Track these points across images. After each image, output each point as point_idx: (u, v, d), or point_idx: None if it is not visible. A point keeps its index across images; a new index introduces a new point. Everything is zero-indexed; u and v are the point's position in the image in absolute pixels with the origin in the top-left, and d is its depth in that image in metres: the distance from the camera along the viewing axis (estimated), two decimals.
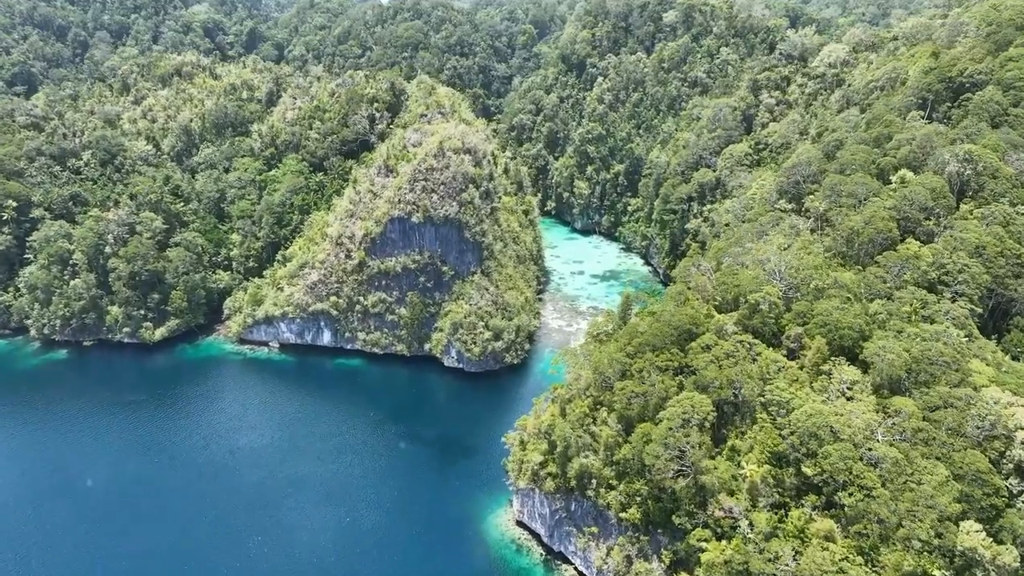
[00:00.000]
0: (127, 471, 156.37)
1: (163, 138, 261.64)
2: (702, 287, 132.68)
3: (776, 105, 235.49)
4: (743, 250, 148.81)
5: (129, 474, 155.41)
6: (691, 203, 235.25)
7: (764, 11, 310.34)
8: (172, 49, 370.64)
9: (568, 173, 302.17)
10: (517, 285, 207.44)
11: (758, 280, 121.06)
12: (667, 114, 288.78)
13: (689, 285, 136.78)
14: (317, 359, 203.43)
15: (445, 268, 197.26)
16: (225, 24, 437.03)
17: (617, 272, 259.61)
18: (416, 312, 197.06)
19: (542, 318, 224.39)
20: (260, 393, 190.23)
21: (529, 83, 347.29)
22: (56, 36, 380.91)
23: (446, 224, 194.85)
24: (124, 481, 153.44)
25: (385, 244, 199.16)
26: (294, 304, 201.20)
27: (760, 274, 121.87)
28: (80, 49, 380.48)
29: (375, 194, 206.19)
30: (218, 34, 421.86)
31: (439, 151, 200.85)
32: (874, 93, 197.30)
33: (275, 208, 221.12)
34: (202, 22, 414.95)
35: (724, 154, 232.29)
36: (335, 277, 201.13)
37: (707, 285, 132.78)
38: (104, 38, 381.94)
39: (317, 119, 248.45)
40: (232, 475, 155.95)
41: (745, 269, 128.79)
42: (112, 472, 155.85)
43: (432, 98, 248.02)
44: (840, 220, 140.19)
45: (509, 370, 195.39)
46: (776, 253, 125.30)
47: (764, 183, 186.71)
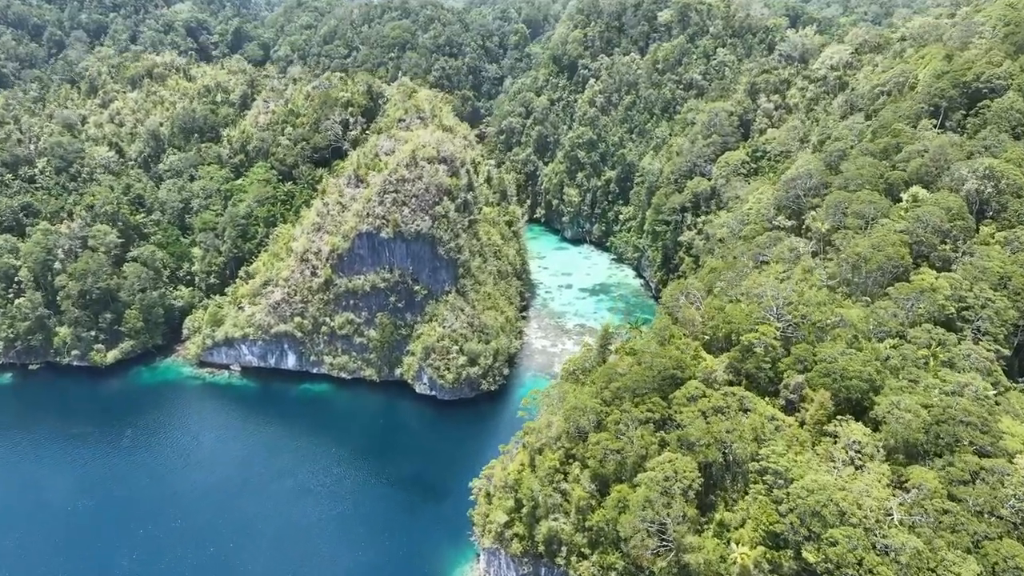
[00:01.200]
0: (57, 514, 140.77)
1: (131, 143, 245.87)
2: (690, 320, 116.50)
3: (775, 110, 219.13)
4: (736, 275, 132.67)
5: (58, 518, 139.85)
6: (684, 214, 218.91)
7: (763, 10, 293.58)
8: (151, 49, 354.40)
9: (558, 179, 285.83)
10: (497, 304, 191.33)
11: (753, 317, 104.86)
12: (661, 118, 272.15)
13: (676, 318, 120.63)
14: (281, 384, 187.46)
15: (417, 287, 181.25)
16: (210, 23, 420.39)
17: (607, 286, 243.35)
18: (386, 334, 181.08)
19: (525, 337, 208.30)
20: (216, 424, 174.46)
21: (519, 85, 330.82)
22: (31, 36, 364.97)
23: (418, 240, 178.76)
24: (53, 526, 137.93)
25: (353, 261, 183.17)
26: (255, 325, 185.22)
27: (755, 310, 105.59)
28: (56, 49, 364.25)
29: (344, 206, 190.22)
30: (202, 34, 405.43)
31: (411, 160, 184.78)
32: (880, 98, 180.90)
33: (239, 220, 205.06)
34: (184, 21, 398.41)
35: (720, 162, 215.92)
36: (300, 296, 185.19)
37: (696, 318, 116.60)
38: (80, 37, 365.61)
39: (289, 124, 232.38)
40: (172, 518, 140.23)
41: (738, 302, 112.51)
42: (41, 515, 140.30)
43: (411, 102, 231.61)
44: (845, 244, 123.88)
45: (486, 397, 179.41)
46: (773, 285, 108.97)
47: (761, 197, 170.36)
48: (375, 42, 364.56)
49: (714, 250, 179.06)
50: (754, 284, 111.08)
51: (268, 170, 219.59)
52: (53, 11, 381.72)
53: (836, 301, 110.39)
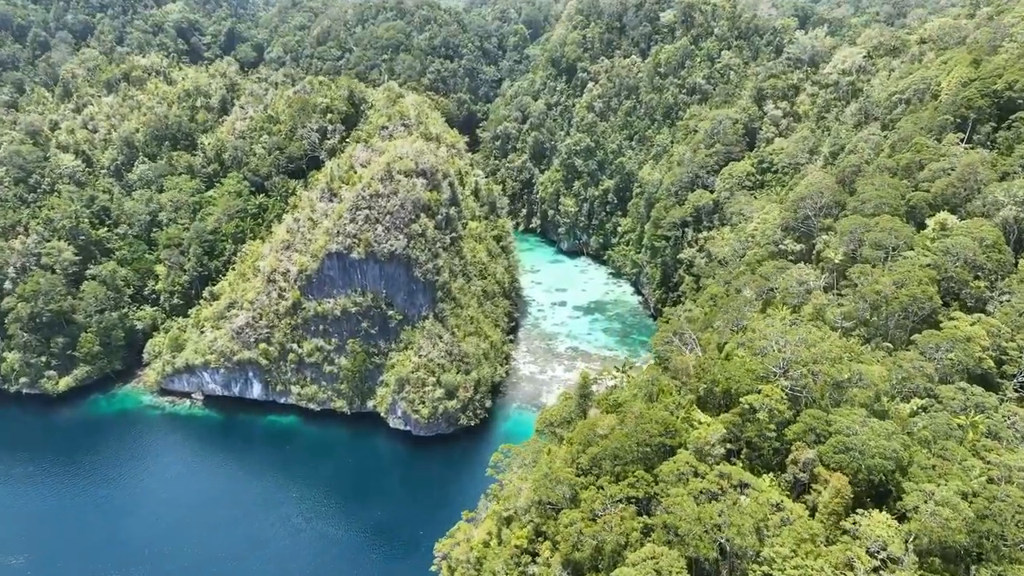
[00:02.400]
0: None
1: (104, 151, 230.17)
2: (683, 369, 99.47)
3: (783, 117, 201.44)
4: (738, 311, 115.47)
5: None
6: (685, 229, 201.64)
7: (771, 10, 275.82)
8: (137, 51, 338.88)
9: (554, 188, 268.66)
10: (480, 329, 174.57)
11: (755, 373, 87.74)
12: (662, 124, 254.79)
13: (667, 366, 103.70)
14: (246, 415, 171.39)
15: (391, 312, 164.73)
16: (202, 24, 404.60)
17: (603, 303, 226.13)
18: (358, 363, 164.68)
19: (513, 362, 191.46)
20: (171, 461, 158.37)
21: (516, 88, 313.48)
22: (15, 36, 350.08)
23: (392, 261, 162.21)
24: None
25: (323, 283, 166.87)
26: (217, 352, 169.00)
27: (757, 366, 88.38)
28: (40, 51, 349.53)
29: (315, 223, 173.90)
30: (193, 35, 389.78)
31: (386, 174, 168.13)
32: (898, 107, 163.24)
33: (205, 236, 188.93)
34: (175, 22, 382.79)
35: (723, 174, 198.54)
36: (266, 320, 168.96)
37: (689, 366, 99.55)
38: (65, 38, 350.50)
39: (266, 131, 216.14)
40: (106, 571, 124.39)
41: (738, 353, 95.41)
42: None
43: (395, 108, 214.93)
44: (863, 279, 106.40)
45: (466, 433, 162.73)
46: (780, 332, 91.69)
47: (767, 217, 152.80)
48: (368, 43, 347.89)
49: (716, 272, 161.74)
50: (757, 334, 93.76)
51: (240, 181, 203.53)
52: (39, 11, 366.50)
53: (852, 351, 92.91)
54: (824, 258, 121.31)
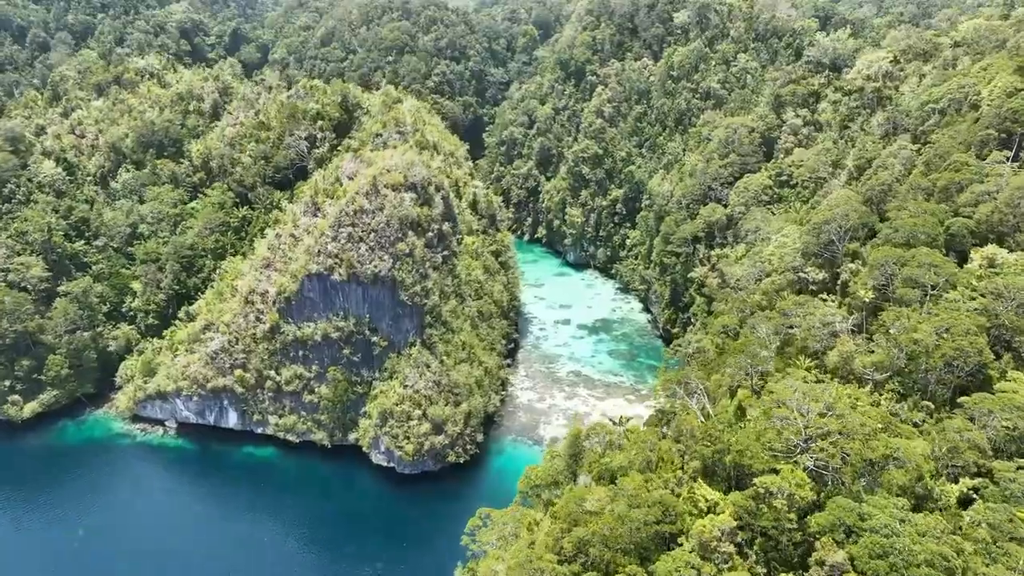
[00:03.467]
0: None
1: (91, 157, 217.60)
2: (688, 432, 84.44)
3: (803, 127, 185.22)
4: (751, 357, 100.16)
5: None
6: (696, 245, 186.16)
7: (790, 11, 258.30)
8: (136, 52, 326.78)
9: (560, 197, 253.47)
10: (473, 354, 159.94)
11: (772, 445, 72.65)
12: (674, 131, 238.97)
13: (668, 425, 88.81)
14: (220, 446, 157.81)
15: (376, 338, 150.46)
16: (207, 25, 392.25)
17: (610, 322, 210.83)
18: (339, 393, 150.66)
19: (510, 388, 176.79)
20: (137, 497, 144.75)
21: (523, 92, 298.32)
22: (14, 37, 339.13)
23: (376, 283, 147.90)
24: None
25: (303, 305, 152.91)
26: (190, 378, 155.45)
27: (775, 438, 73.23)
28: (40, 52, 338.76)
29: (297, 240, 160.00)
30: (197, 35, 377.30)
31: (372, 188, 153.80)
32: (932, 118, 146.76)
33: (184, 251, 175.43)
34: (178, 22, 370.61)
35: (738, 186, 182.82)
36: (242, 344, 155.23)
37: (695, 428, 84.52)
38: (64, 39, 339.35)
39: (254, 139, 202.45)
40: None
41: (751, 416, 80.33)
42: None
43: (390, 114, 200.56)
44: (898, 325, 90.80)
45: (454, 470, 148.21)
46: (802, 397, 76.36)
47: (786, 240, 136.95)
48: (372, 45, 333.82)
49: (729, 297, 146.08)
50: (775, 397, 78.43)
51: (224, 192, 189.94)
52: (40, 12, 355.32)
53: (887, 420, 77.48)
54: (851, 293, 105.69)
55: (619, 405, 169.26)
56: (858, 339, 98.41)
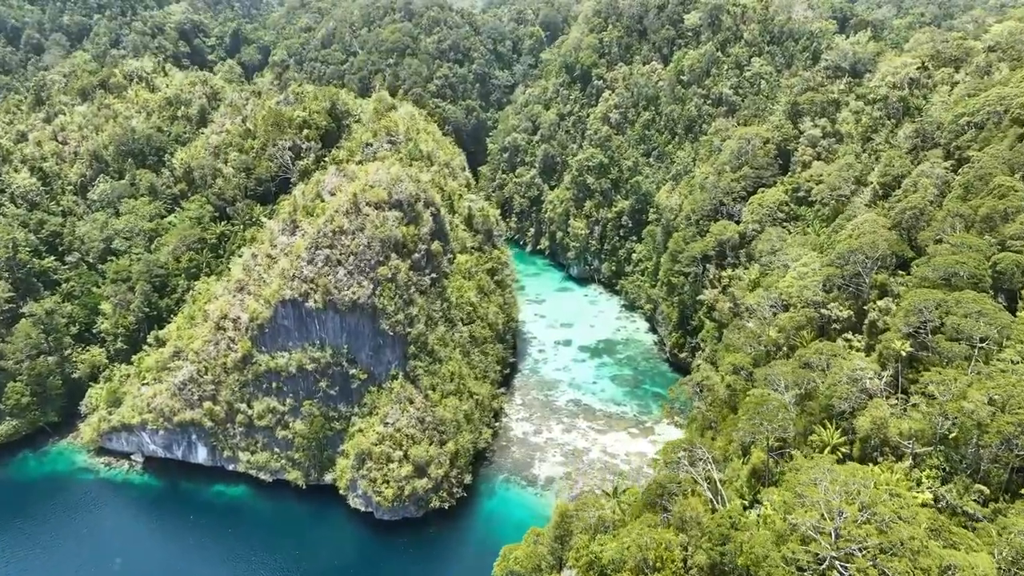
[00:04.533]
0: None
1: (72, 165, 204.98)
2: (692, 519, 69.92)
3: (822, 138, 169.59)
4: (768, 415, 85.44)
5: None
6: (706, 265, 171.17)
7: (806, 12, 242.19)
8: (131, 54, 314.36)
9: (563, 208, 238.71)
10: (463, 386, 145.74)
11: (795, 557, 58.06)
12: (684, 139, 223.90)
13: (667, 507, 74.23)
14: (189, 483, 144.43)
15: (354, 371, 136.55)
16: (207, 25, 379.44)
17: (613, 343, 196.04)
18: (315, 429, 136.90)
19: (504, 418, 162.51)
20: (92, 542, 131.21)
21: (527, 96, 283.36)
22: (9, 39, 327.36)
23: (354, 311, 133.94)
24: None
25: (276, 333, 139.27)
26: (155, 410, 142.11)
27: (798, 549, 58.56)
28: (34, 53, 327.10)
29: (273, 260, 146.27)
30: (196, 36, 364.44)
31: (352, 207, 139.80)
32: (967, 132, 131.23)
33: (156, 269, 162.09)
34: (177, 23, 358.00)
35: (752, 202, 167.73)
36: (212, 375, 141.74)
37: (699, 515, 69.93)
38: (59, 41, 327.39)
39: (237, 148, 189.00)
40: None
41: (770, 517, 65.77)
42: None
43: (381, 123, 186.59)
44: (942, 388, 75.90)
45: (439, 515, 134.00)
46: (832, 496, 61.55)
47: (806, 270, 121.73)
48: (373, 47, 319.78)
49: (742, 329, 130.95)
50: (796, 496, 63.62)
51: (203, 205, 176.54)
52: (35, 12, 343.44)
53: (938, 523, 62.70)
54: (882, 340, 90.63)
55: (621, 439, 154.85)
56: (892, 400, 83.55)
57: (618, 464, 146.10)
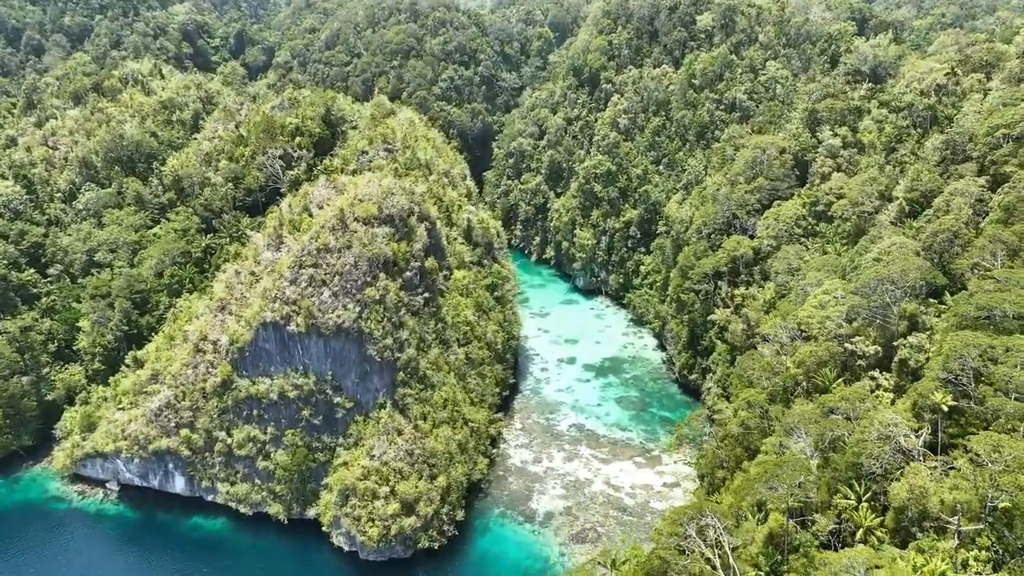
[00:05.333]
0: None
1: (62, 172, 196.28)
2: None
3: (843, 148, 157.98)
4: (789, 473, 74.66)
5: None
6: (718, 282, 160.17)
7: (824, 14, 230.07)
8: (132, 55, 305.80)
9: (569, 217, 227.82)
10: (457, 412, 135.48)
11: None
12: (695, 145, 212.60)
13: None
14: (166, 515, 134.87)
15: (339, 399, 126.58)
16: (211, 26, 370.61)
17: (620, 361, 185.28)
18: (297, 460, 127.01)
19: (502, 445, 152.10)
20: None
21: (533, 100, 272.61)
22: (9, 40, 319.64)
23: (339, 336, 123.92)
24: None
25: (258, 357, 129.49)
26: (130, 438, 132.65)
27: None
28: (35, 55, 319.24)
29: (257, 278, 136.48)
30: (200, 37, 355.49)
31: (339, 223, 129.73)
32: (1004, 146, 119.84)
33: (137, 285, 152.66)
34: (180, 24, 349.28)
35: (767, 216, 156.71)
36: (190, 400, 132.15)
37: None
38: (59, 42, 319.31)
39: (227, 156, 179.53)
40: None
41: None
42: None
43: (377, 130, 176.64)
44: (992, 452, 64.92)
45: (429, 555, 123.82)
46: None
47: (827, 299, 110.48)
48: (377, 48, 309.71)
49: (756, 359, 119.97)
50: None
51: (189, 217, 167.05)
52: (37, 13, 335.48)
53: None
54: (920, 392, 79.51)
55: (626, 469, 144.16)
56: (931, 459, 72.57)
57: (622, 498, 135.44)
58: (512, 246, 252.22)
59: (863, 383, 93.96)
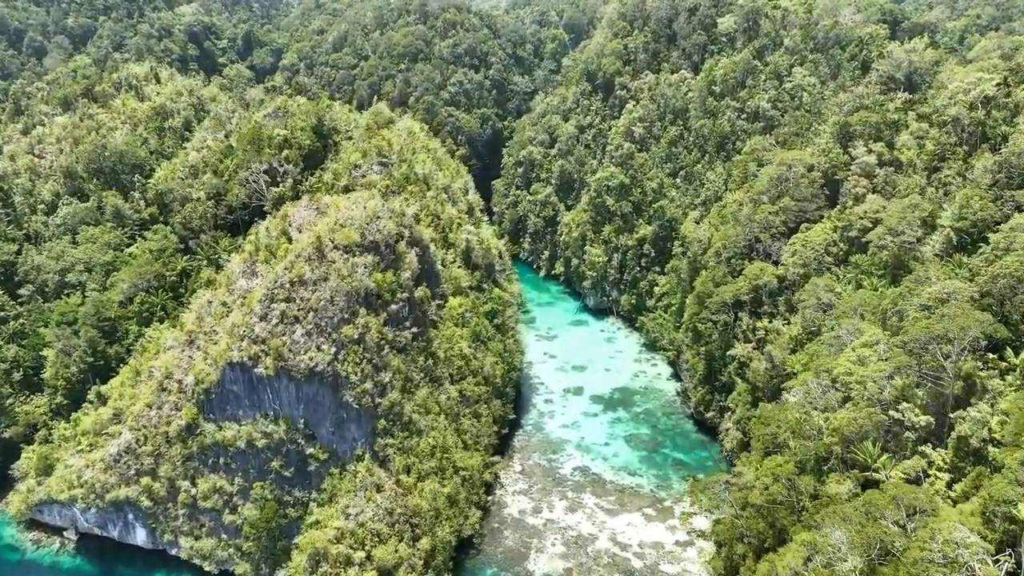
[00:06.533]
0: None
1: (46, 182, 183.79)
2: None
3: (879, 166, 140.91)
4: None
5: None
6: (739, 312, 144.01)
7: (855, 16, 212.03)
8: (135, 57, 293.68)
9: (579, 232, 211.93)
10: (447, 460, 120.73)
11: None
12: (714, 158, 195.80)
13: None
14: (127, 569, 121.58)
15: (313, 449, 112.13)
16: (219, 27, 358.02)
17: (631, 392, 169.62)
18: (266, 516, 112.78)
19: (498, 491, 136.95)
20: None
21: (545, 105, 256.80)
22: (11, 42, 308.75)
23: (313, 380, 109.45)
24: None
25: (225, 400, 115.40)
26: (87, 485, 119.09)
27: None
28: (37, 57, 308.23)
29: (228, 309, 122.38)
30: (207, 39, 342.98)
31: (315, 252, 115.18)
32: None
33: (104, 312, 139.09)
34: (187, 25, 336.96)
35: (794, 242, 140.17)
36: (152, 444, 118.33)
37: None
38: (61, 44, 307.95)
39: (212, 169, 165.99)
40: None
41: None
42: None
43: (371, 143, 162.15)
44: None
45: None
46: None
47: (868, 352, 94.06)
48: (384, 51, 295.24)
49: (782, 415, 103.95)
50: None
51: (167, 236, 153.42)
52: (40, 14, 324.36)
53: None
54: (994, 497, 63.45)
55: (634, 523, 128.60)
56: None
57: (629, 559, 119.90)
58: (520, 260, 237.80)
59: (913, 462, 78.19)
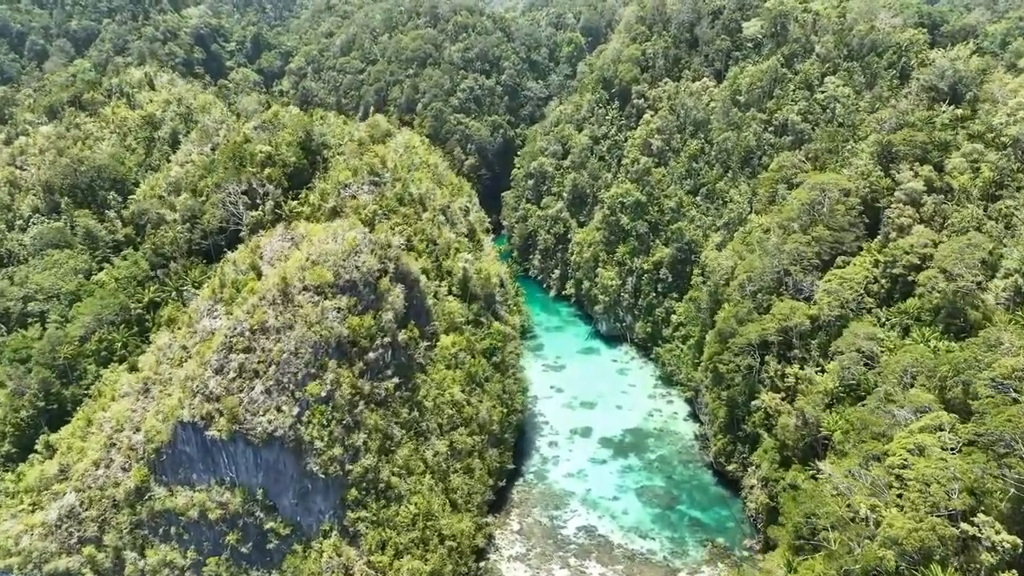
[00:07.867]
0: None
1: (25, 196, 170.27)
2: None
3: (927, 192, 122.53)
4: None
5: None
6: (765, 355, 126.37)
7: (892, 20, 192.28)
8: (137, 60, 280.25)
9: (591, 252, 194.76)
10: (431, 530, 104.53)
11: None
12: (738, 174, 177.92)
13: None
14: None
15: (273, 523, 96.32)
16: (227, 30, 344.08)
17: (644, 435, 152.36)
18: None
19: (492, 556, 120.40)
20: None
21: (558, 114, 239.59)
22: (13, 45, 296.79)
23: (272, 445, 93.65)
24: None
25: (178, 461, 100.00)
26: (23, 553, 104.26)
27: None
28: (38, 61, 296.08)
29: (187, 354, 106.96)
30: (214, 42, 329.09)
31: (280, 294, 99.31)
32: None
33: (61, 349, 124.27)
34: (193, 28, 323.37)
35: (829, 279, 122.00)
36: (97, 508, 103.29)
37: None
38: (63, 47, 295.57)
39: (190, 188, 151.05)
40: None
41: None
42: None
43: (363, 160, 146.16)
44: None
45: None
46: None
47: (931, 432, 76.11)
48: (392, 55, 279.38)
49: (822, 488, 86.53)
50: None
51: (137, 262, 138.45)
52: (44, 17, 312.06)
53: None
54: None
55: None
56: None
57: None
58: (530, 278, 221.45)
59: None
